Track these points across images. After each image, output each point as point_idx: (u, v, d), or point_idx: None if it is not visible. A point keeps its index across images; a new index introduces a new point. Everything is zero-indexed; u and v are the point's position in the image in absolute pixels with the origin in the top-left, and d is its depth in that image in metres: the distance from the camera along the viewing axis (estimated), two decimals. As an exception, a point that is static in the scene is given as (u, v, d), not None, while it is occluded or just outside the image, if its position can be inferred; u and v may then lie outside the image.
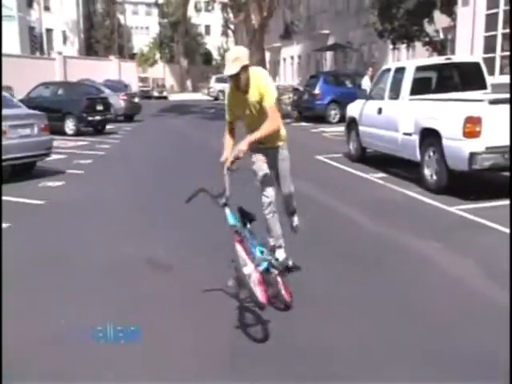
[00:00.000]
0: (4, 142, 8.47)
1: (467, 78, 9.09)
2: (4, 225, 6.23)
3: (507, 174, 7.68)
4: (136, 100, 23.07)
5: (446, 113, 7.52)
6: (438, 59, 9.75)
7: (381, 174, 9.14)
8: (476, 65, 9.17)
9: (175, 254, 5.36)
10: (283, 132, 4.18)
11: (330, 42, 29.45)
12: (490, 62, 10.90)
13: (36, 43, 38.50)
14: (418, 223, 6.39)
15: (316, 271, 4.80)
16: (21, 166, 9.26)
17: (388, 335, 3.66)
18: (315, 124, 17.55)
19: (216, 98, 39.20)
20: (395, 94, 8.95)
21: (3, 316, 3.61)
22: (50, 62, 32.57)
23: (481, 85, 8.87)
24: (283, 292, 3.92)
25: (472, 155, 6.94)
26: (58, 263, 5.14)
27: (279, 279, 3.95)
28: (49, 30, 44.25)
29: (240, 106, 3.99)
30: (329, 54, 31.08)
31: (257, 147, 3.96)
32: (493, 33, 11.98)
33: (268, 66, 23.47)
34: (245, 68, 3.71)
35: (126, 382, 3.12)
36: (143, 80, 47.10)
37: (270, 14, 21.81)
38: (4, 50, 29.85)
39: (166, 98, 44.43)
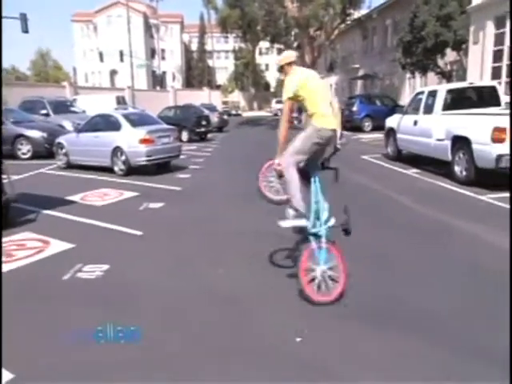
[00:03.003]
0: (154, 148, 8.66)
1: (485, 97, 8.26)
2: (159, 204, 6.29)
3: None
4: (225, 117, 23.04)
5: (475, 123, 6.84)
6: (462, 84, 8.89)
7: (416, 170, 8.53)
8: (493, 87, 8.33)
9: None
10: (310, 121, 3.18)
11: (360, 73, 28.17)
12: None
13: (156, 81, 39.64)
14: (457, 207, 5.86)
15: (388, 238, 4.48)
16: (163, 164, 9.36)
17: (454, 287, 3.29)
18: (354, 132, 16.80)
19: (276, 114, 38.64)
20: (429, 110, 8.27)
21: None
22: (165, 93, 33.42)
23: (496, 103, 8.05)
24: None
25: (499, 156, 6.28)
26: (197, 228, 5.07)
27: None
28: (164, 72, 45.49)
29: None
30: (359, 82, 29.78)
31: None
32: (499, 64, 10.90)
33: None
34: (288, 64, 3.24)
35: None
36: (225, 103, 47.16)
37: (319, 54, 21.02)
38: (137, 86, 31.02)
39: (240, 114, 44.31)
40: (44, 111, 14.19)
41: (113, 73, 45.23)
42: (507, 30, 9.85)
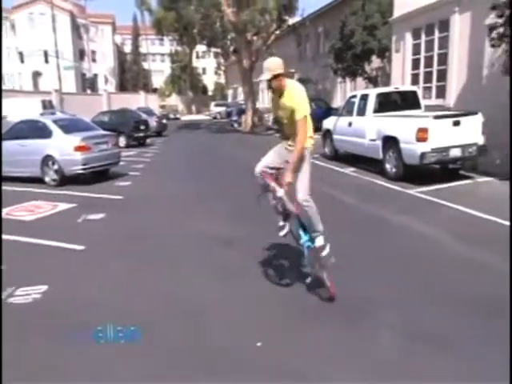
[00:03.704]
0: (90, 155, 8.11)
1: (408, 101, 9.02)
2: (100, 214, 5.91)
3: (443, 166, 7.73)
4: (164, 121, 22.36)
5: (402, 125, 7.46)
6: (388, 88, 9.61)
7: (352, 168, 9.04)
8: (414, 92, 9.11)
9: (229, 226, 5.12)
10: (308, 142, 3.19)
11: (296, 77, 29.14)
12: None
13: (87, 84, 37.28)
14: (389, 201, 6.34)
15: (330, 233, 4.59)
16: (101, 171, 8.81)
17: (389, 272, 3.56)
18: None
19: (215, 118, 38.46)
20: (361, 112, 8.82)
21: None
22: (98, 97, 31.56)
23: (417, 106, 8.84)
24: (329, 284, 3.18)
25: (422, 154, 6.91)
26: (143, 238, 4.87)
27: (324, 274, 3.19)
28: (95, 75, 42.95)
29: (276, 107, 3.26)
30: (294, 86, 30.70)
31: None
32: (416, 71, 11.95)
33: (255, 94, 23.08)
34: (276, 76, 3.07)
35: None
36: (163, 107, 45.80)
37: (257, 59, 21.33)
38: (65, 90, 28.83)
39: (178, 118, 43.30)
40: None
41: (36, 75, 41.61)
42: (422, 40, 10.83)
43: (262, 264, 3.83)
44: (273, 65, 3.09)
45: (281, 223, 3.30)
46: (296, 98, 3.08)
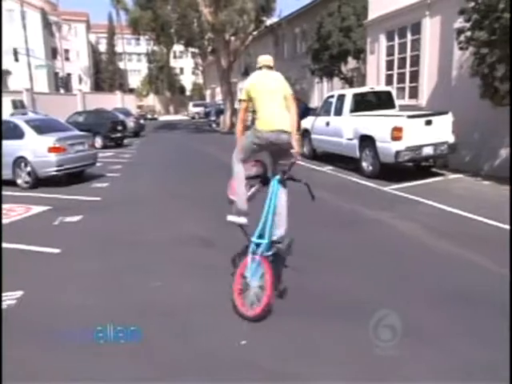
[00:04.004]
0: (65, 156, 7.88)
1: (383, 100, 9.24)
2: (77, 217, 5.76)
3: (416, 164, 7.97)
4: (141, 121, 21.98)
5: (378, 124, 7.63)
6: (365, 88, 9.80)
7: (330, 167, 9.20)
8: (389, 92, 9.34)
9: (209, 226, 5.08)
10: None
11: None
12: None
13: (60, 83, 36.07)
14: (366, 198, 6.49)
15: (310, 229, 4.67)
16: (76, 173, 8.60)
17: (365, 266, 3.65)
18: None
19: (193, 118, 38.11)
20: (339, 112, 8.98)
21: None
22: (72, 97, 30.61)
23: (392, 105, 9.07)
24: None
25: (397, 152, 7.10)
26: (122, 240, 4.78)
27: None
28: (69, 74, 41.71)
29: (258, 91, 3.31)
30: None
31: None
32: (391, 72, 12.25)
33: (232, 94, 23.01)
34: (259, 68, 3.38)
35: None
36: (140, 107, 44.99)
37: (235, 58, 21.32)
38: (37, 89, 27.82)
39: (156, 119, 42.64)
40: None
41: (5, 73, 39.96)
42: (396, 43, 11.11)
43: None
44: (269, 58, 3.43)
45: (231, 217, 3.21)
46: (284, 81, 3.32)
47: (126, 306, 3.20)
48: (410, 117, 7.26)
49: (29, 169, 7.77)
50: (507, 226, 4.62)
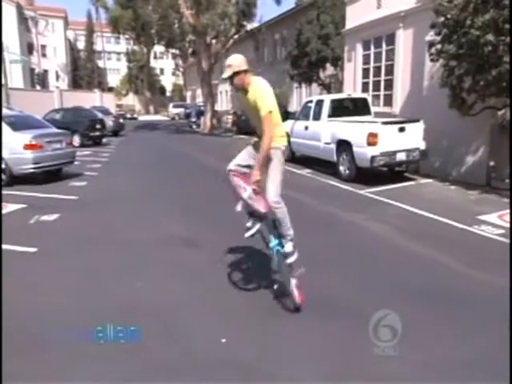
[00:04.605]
0: (42, 154, 7.65)
1: (359, 107, 9.49)
2: (54, 215, 5.62)
3: (390, 168, 8.24)
4: (121, 120, 21.57)
5: (355, 129, 7.85)
6: (342, 94, 10.05)
7: (308, 170, 9.33)
8: (365, 99, 9.61)
9: (190, 227, 5.10)
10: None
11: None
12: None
13: (36, 80, 34.87)
14: (342, 201, 6.63)
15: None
16: (53, 171, 8.38)
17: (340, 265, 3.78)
18: (250, 136, 17.49)
19: (173, 118, 37.70)
20: (317, 116, 9.15)
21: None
22: (49, 93, 29.60)
23: (368, 112, 9.34)
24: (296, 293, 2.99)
25: (372, 157, 7.33)
26: (99, 239, 4.71)
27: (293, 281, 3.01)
28: (45, 71, 40.36)
29: (243, 104, 3.16)
30: (252, 90, 30.95)
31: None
32: (367, 80, 12.59)
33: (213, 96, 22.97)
34: (237, 73, 2.94)
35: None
36: (119, 106, 44.05)
37: (216, 61, 21.31)
38: (11, 85, 26.74)
39: (136, 118, 41.87)
40: None
41: (-22, 68, 38.25)
42: (372, 52, 11.46)
43: (227, 266, 3.78)
44: (235, 61, 2.93)
45: (249, 224, 3.08)
46: (260, 93, 2.92)
47: (107, 306, 3.15)
48: (384, 123, 7.51)
49: (3, 166, 7.51)
50: (472, 229, 4.89)
